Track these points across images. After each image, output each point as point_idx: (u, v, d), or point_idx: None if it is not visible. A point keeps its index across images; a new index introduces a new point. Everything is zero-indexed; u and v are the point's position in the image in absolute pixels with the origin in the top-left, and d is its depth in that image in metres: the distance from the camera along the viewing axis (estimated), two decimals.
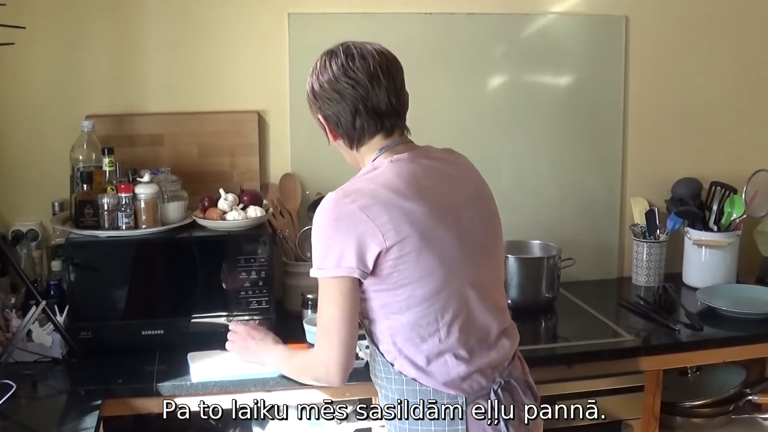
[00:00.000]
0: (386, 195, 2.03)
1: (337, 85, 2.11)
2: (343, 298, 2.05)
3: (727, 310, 3.12)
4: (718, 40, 3.64)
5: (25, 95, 3.12)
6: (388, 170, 2.09)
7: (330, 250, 2.03)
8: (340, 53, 2.13)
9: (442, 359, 2.09)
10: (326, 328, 2.09)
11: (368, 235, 2.00)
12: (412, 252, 2.02)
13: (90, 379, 2.54)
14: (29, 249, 3.09)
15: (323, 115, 2.17)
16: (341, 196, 2.04)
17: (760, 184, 3.52)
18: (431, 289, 2.06)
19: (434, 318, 2.08)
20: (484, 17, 3.40)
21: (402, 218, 2.02)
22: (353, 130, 2.13)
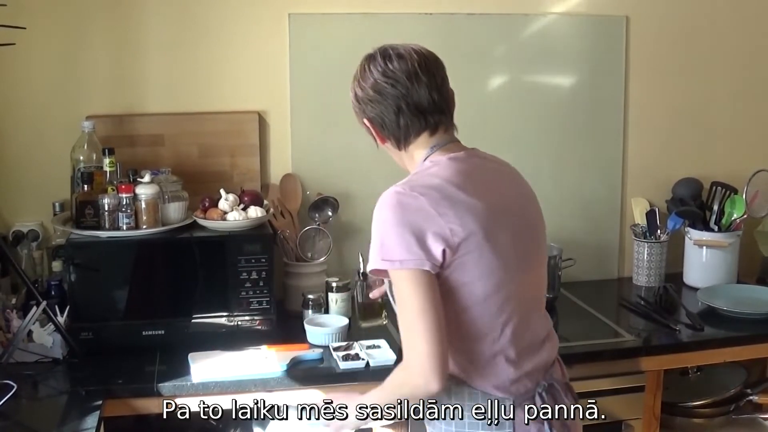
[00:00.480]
0: (451, 190, 2.01)
1: (378, 86, 2.11)
2: (421, 289, 1.95)
3: (728, 310, 3.12)
4: (718, 40, 3.64)
5: (26, 96, 3.12)
6: (448, 167, 2.07)
7: (399, 243, 1.96)
8: (377, 56, 2.14)
9: (493, 361, 2.07)
10: (408, 324, 1.98)
11: (436, 229, 1.96)
12: (476, 250, 1.99)
13: (90, 380, 2.54)
14: (30, 249, 3.09)
15: (368, 118, 2.16)
16: (408, 190, 2.00)
17: (761, 184, 3.51)
18: (489, 288, 2.03)
19: (489, 318, 2.05)
20: (484, 17, 3.40)
21: (467, 214, 1.99)
22: (398, 129, 2.12)
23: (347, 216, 3.36)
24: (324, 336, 2.82)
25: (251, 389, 2.58)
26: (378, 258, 1.99)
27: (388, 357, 2.70)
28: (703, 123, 3.68)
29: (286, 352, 2.70)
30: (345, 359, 2.67)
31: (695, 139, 3.67)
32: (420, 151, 2.15)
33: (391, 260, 1.96)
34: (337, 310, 3.03)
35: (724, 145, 3.70)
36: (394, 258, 1.96)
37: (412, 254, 1.94)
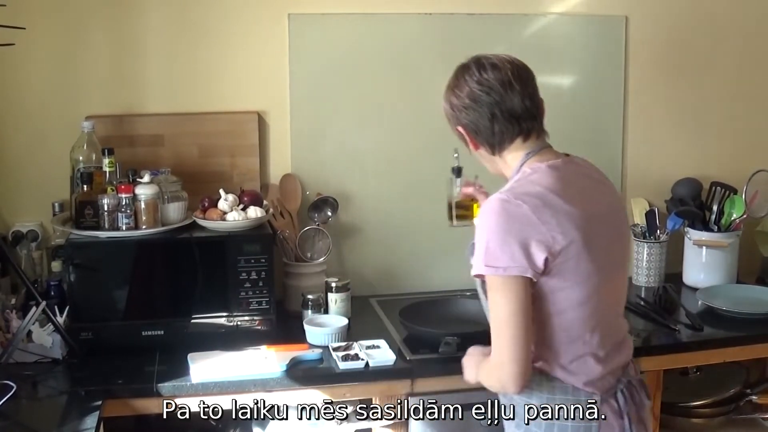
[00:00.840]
0: (552, 198, 2.08)
1: (473, 95, 2.19)
2: (516, 296, 2.05)
3: (728, 310, 3.12)
4: (717, 40, 3.64)
5: (26, 96, 3.12)
6: (548, 174, 2.15)
7: (503, 250, 2.04)
8: (472, 66, 2.23)
9: (582, 360, 2.16)
10: (498, 328, 2.09)
11: (539, 237, 2.04)
12: (575, 257, 2.08)
13: (90, 380, 2.54)
14: (29, 249, 3.09)
15: (462, 125, 2.24)
16: (512, 198, 2.08)
17: (761, 184, 3.51)
18: (585, 294, 2.12)
19: (583, 321, 2.14)
20: (484, 17, 3.40)
21: (568, 222, 2.07)
22: (492, 135, 2.20)
23: (347, 216, 3.37)
24: (323, 336, 2.82)
25: (251, 389, 2.58)
26: (482, 264, 2.08)
27: (387, 357, 2.70)
28: (703, 123, 3.68)
29: (285, 352, 2.70)
30: (344, 359, 2.67)
31: (695, 139, 3.67)
32: (515, 157, 2.23)
33: (495, 267, 2.05)
34: (337, 310, 3.04)
35: (723, 145, 3.70)
36: (498, 265, 2.04)
37: (516, 261, 2.03)
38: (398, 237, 3.45)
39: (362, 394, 2.69)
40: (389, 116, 3.39)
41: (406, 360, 2.73)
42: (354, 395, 2.67)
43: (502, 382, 2.12)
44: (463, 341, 2.71)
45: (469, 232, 3.42)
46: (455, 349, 2.69)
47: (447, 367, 2.70)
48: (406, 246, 3.46)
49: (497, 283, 2.07)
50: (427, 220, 3.46)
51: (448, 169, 3.44)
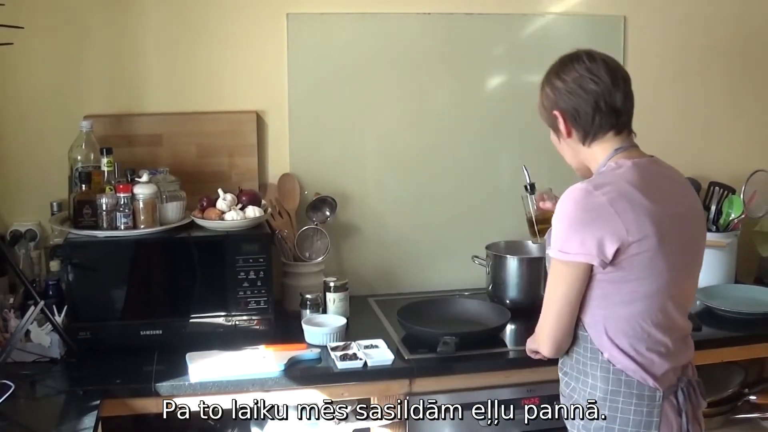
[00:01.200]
0: (632, 193, 2.14)
1: (581, 81, 2.24)
2: (572, 282, 2.16)
3: (726, 310, 3.12)
4: (716, 40, 3.64)
5: (24, 95, 3.12)
6: (631, 171, 2.20)
7: (574, 236, 2.13)
8: (582, 55, 2.28)
9: (648, 353, 2.20)
10: (547, 306, 2.24)
11: (613, 228, 2.10)
12: (648, 251, 2.13)
13: (88, 379, 2.54)
14: (28, 249, 3.08)
15: (561, 109, 2.28)
16: (592, 188, 2.14)
17: (759, 184, 3.51)
18: (654, 288, 2.18)
19: (649, 315, 2.19)
20: (483, 17, 3.40)
21: (645, 217, 2.13)
22: (591, 124, 2.25)
23: (345, 216, 3.37)
24: (322, 336, 2.82)
25: (249, 389, 2.58)
26: (556, 249, 2.17)
27: (385, 357, 2.69)
28: (701, 123, 3.68)
29: (283, 352, 2.70)
30: (343, 359, 2.67)
31: (693, 139, 3.67)
32: (604, 149, 2.28)
33: (566, 252, 2.14)
34: (335, 310, 3.04)
35: (722, 145, 3.70)
36: (568, 251, 2.14)
37: (584, 249, 2.11)
38: (397, 237, 3.45)
39: (360, 394, 2.69)
40: (388, 116, 3.39)
41: (405, 360, 2.73)
42: (352, 395, 2.67)
43: (541, 350, 2.29)
44: (461, 341, 2.72)
45: (467, 234, 3.44)
46: (453, 348, 2.69)
47: (445, 366, 2.71)
48: (405, 246, 3.46)
49: (560, 266, 2.17)
50: (425, 220, 3.47)
51: (446, 169, 3.47)
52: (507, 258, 3.21)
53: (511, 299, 3.19)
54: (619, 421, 2.20)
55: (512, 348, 2.89)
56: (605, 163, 2.25)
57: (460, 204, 3.47)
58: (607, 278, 2.15)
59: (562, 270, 2.17)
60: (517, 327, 3.05)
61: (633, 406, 2.20)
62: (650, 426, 2.19)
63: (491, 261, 3.26)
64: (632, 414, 2.20)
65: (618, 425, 2.20)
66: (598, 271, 2.14)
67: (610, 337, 2.19)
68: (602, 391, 2.22)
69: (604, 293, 2.17)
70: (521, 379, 2.76)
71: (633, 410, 2.20)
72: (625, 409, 2.20)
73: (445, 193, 3.47)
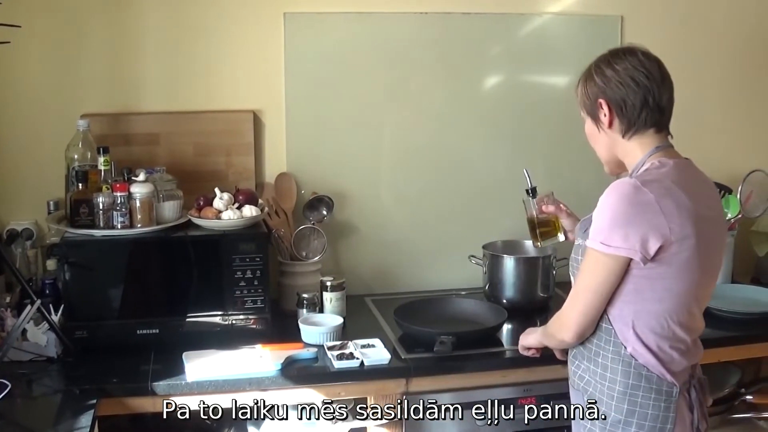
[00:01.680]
0: (678, 193, 2.17)
1: (634, 73, 2.25)
2: (608, 274, 2.19)
3: (723, 310, 3.12)
4: (713, 40, 3.65)
5: (21, 94, 3.12)
6: (675, 170, 2.23)
7: (618, 230, 2.14)
8: (636, 50, 2.30)
9: (669, 350, 2.24)
10: (578, 293, 2.27)
11: (658, 226, 2.13)
12: (686, 251, 2.17)
13: (85, 379, 2.54)
14: (24, 248, 3.08)
15: (608, 98, 2.28)
16: (640, 185, 2.15)
17: (756, 184, 3.51)
18: (685, 288, 2.22)
19: (677, 313, 2.23)
20: (480, 17, 3.40)
21: (687, 218, 2.16)
22: (636, 118, 2.27)
23: (342, 215, 3.37)
24: (318, 335, 2.82)
25: (246, 388, 2.58)
26: (597, 240, 2.18)
27: (382, 356, 2.69)
28: (698, 123, 3.68)
29: (280, 351, 2.70)
30: (339, 358, 2.67)
31: (689, 138, 3.63)
32: (643, 146, 2.30)
33: (607, 245, 2.16)
34: (332, 309, 3.03)
35: (718, 145, 3.70)
36: (611, 244, 2.15)
37: (628, 244, 2.14)
38: (394, 236, 3.45)
39: (357, 393, 2.69)
40: (385, 115, 3.39)
41: (401, 359, 2.73)
42: (349, 394, 2.68)
43: (561, 334, 2.33)
44: (458, 340, 2.72)
45: (464, 234, 3.44)
46: (450, 348, 2.69)
47: (442, 366, 2.71)
48: (402, 245, 3.46)
49: (599, 256, 2.18)
50: (422, 220, 3.47)
51: (443, 168, 3.47)
52: (504, 257, 3.21)
53: (508, 299, 3.19)
54: (638, 415, 2.24)
55: (509, 348, 2.89)
56: (644, 161, 2.27)
57: (457, 203, 3.47)
58: (643, 274, 2.18)
59: (601, 261, 2.19)
60: (513, 326, 3.05)
61: (652, 401, 2.24)
62: (667, 420, 2.24)
63: (488, 260, 3.26)
64: (650, 408, 2.23)
65: (636, 419, 2.24)
66: (636, 266, 2.17)
67: (637, 332, 2.23)
68: (622, 385, 2.25)
69: (637, 288, 2.20)
70: (518, 378, 2.76)
71: (651, 405, 2.24)
72: (644, 403, 2.24)
73: (442, 192, 3.47)
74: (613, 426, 2.26)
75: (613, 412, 2.26)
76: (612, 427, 2.26)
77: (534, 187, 2.83)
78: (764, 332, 3.04)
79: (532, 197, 2.83)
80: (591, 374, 2.32)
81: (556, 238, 2.86)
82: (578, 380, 2.37)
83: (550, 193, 2.83)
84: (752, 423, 3.24)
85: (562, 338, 2.33)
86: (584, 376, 2.34)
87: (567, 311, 2.31)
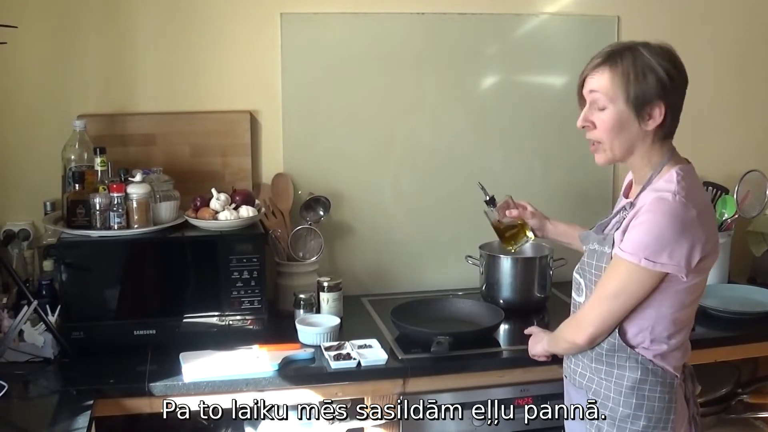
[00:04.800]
0: (710, 207, 2.26)
1: (684, 79, 2.24)
2: (641, 286, 2.19)
3: (719, 310, 3.12)
4: (709, 41, 3.65)
5: (17, 94, 3.12)
6: (696, 179, 2.28)
7: (665, 248, 2.14)
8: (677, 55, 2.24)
9: (677, 349, 2.30)
10: (601, 298, 2.26)
11: (700, 240, 2.15)
12: (713, 259, 2.23)
13: (82, 379, 2.54)
14: (21, 249, 3.08)
15: (667, 101, 2.21)
16: (686, 201, 2.15)
17: (752, 184, 3.52)
18: (698, 295, 2.29)
19: (687, 317, 2.30)
20: (476, 17, 3.40)
21: (717, 232, 2.26)
22: (675, 124, 2.26)
23: (339, 215, 3.37)
24: (315, 335, 2.82)
25: (243, 389, 2.57)
26: (640, 256, 2.15)
27: (379, 356, 2.69)
28: (694, 123, 3.65)
29: (277, 352, 2.70)
30: (336, 359, 2.67)
31: (686, 139, 3.63)
32: (662, 151, 2.28)
33: (653, 261, 2.14)
34: (329, 310, 3.04)
35: (715, 145, 3.71)
36: (657, 260, 2.14)
37: (673, 260, 2.14)
38: (391, 237, 3.45)
39: (354, 394, 2.68)
40: (382, 116, 3.39)
41: (398, 359, 2.73)
42: (346, 395, 2.67)
43: (574, 336, 2.33)
44: (454, 341, 2.72)
45: (460, 234, 3.44)
46: (447, 348, 2.69)
47: (439, 366, 2.71)
48: (399, 246, 3.47)
49: (640, 271, 2.17)
50: (419, 220, 3.47)
51: (440, 168, 3.47)
52: (500, 258, 3.21)
53: (505, 299, 3.19)
54: (646, 408, 2.28)
55: (506, 348, 2.89)
56: (661, 167, 2.25)
57: (453, 204, 3.47)
58: (674, 283, 2.20)
59: (639, 274, 2.17)
60: (510, 327, 3.05)
61: (658, 393, 2.27)
62: (670, 411, 2.29)
63: (485, 261, 3.26)
64: (657, 401, 2.28)
65: (645, 412, 2.28)
66: (674, 279, 2.18)
67: (654, 334, 2.26)
68: (631, 380, 2.28)
69: (663, 296, 2.22)
70: (514, 379, 2.76)
71: (657, 396, 2.28)
72: (651, 396, 2.27)
73: (438, 192, 3.48)
74: (622, 421, 2.28)
75: (621, 407, 2.28)
76: (621, 422, 2.29)
77: (492, 196, 2.85)
78: (761, 332, 3.04)
79: (493, 207, 2.85)
80: (594, 372, 2.33)
81: (525, 239, 2.87)
82: (579, 378, 2.38)
83: (508, 198, 2.83)
84: (749, 423, 3.25)
85: (575, 340, 2.33)
86: (585, 373, 2.36)
87: (586, 314, 2.31)
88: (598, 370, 2.32)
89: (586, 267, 2.38)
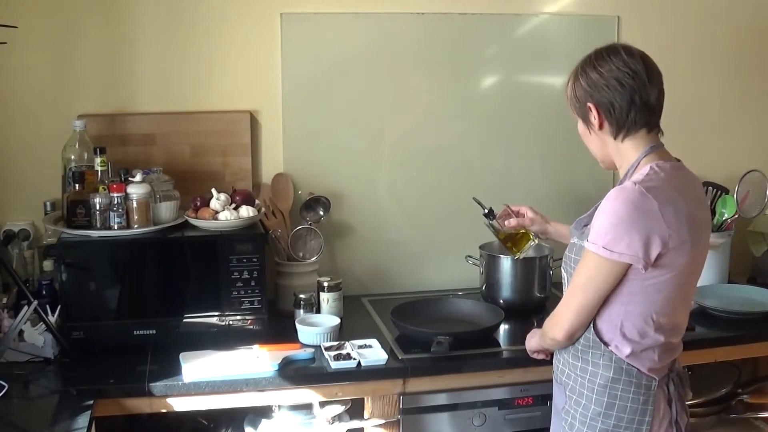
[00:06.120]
0: (677, 199, 2.19)
1: (617, 75, 2.23)
2: (606, 277, 2.20)
3: (719, 309, 3.12)
4: (709, 40, 3.65)
5: (18, 95, 3.12)
6: (673, 175, 2.25)
7: (622, 236, 2.14)
8: (619, 49, 2.27)
9: (651, 348, 2.27)
10: (573, 293, 2.27)
11: (659, 232, 2.14)
12: (682, 256, 2.19)
13: (82, 379, 2.54)
14: (21, 249, 3.08)
15: (596, 102, 2.27)
16: (646, 191, 2.15)
17: (752, 184, 3.52)
18: (676, 290, 2.25)
19: (663, 312, 2.25)
20: (476, 17, 3.40)
21: (685, 224, 2.19)
22: (625, 119, 2.26)
23: (339, 215, 3.37)
24: (315, 336, 2.82)
25: (243, 389, 2.58)
26: (599, 245, 2.17)
27: (379, 356, 2.69)
28: (694, 123, 3.68)
29: (277, 352, 2.70)
30: (336, 359, 2.67)
31: (686, 139, 3.67)
32: (636, 147, 2.30)
33: (611, 251, 2.15)
34: (329, 310, 3.04)
35: (715, 145, 3.71)
36: (615, 249, 2.15)
37: (631, 250, 2.14)
38: (391, 237, 3.45)
39: (354, 394, 2.69)
40: (382, 116, 3.39)
41: (398, 359, 2.73)
42: (346, 395, 2.68)
43: (553, 332, 2.32)
44: (455, 341, 2.72)
45: (461, 234, 3.44)
46: (447, 348, 2.69)
47: (439, 366, 2.71)
48: (399, 246, 3.47)
49: (600, 261, 2.18)
50: (419, 220, 3.47)
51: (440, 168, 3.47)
52: (500, 258, 3.21)
53: (505, 299, 3.19)
54: (618, 408, 2.27)
55: (506, 348, 2.89)
56: (638, 161, 2.27)
57: (453, 204, 3.46)
58: (639, 278, 2.19)
59: (602, 265, 2.19)
60: (510, 327, 3.05)
61: (631, 394, 2.26)
62: (645, 413, 2.27)
63: (485, 261, 3.26)
64: (630, 402, 2.26)
65: (616, 411, 2.27)
66: (635, 271, 2.18)
67: (623, 331, 2.25)
68: (603, 379, 2.27)
69: (631, 291, 2.22)
70: (515, 378, 2.77)
71: (631, 398, 2.26)
72: (623, 396, 2.26)
73: (438, 192, 3.47)
74: (593, 419, 2.28)
75: (593, 405, 2.29)
76: (592, 420, 2.29)
77: (490, 208, 2.87)
78: (761, 332, 3.04)
79: (492, 218, 2.86)
80: (571, 368, 2.34)
81: (530, 244, 2.89)
82: (560, 374, 2.40)
83: (505, 208, 2.84)
84: (749, 423, 3.25)
85: (554, 336, 2.33)
86: (565, 369, 2.37)
87: (561, 310, 2.31)
88: (575, 366, 2.33)
89: (566, 260, 2.41)
